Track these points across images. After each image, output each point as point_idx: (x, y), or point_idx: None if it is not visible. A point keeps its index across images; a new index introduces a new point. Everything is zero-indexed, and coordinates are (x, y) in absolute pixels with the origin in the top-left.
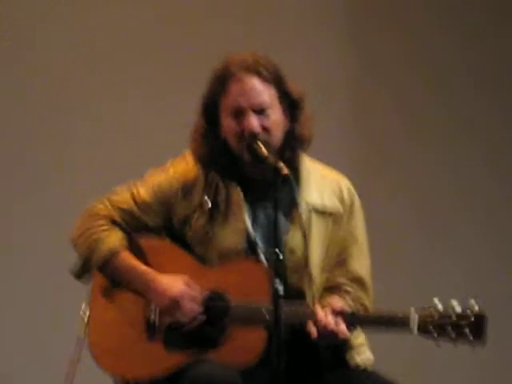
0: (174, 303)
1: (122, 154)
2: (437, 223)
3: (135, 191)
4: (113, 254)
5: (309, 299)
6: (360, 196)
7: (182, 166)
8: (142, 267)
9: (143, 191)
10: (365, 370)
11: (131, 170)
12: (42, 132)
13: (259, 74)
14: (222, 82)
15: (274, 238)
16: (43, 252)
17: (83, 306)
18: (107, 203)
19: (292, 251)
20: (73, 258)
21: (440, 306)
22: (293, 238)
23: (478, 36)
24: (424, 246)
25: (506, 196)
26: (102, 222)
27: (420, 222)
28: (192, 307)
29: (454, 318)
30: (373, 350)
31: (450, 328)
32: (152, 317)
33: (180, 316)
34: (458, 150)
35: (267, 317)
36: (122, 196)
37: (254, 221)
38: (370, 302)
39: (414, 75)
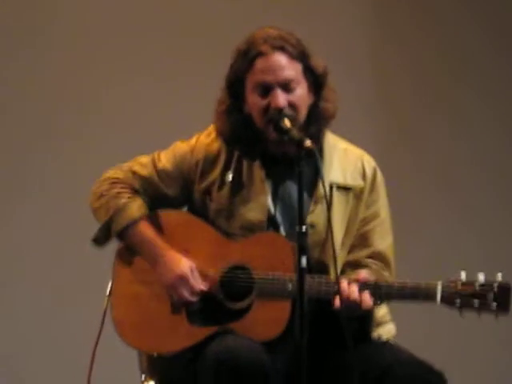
0: (172, 285)
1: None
2: (461, 198)
3: (156, 158)
4: (132, 223)
5: (332, 274)
6: (382, 170)
7: (206, 139)
8: (156, 241)
9: (165, 159)
10: (385, 343)
11: (154, 146)
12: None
13: (284, 50)
14: (247, 58)
15: (299, 213)
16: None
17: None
18: (127, 170)
19: (313, 226)
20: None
21: (464, 276)
22: (315, 214)
23: (500, 11)
24: (449, 222)
25: None
26: (122, 189)
27: (444, 197)
28: (186, 293)
29: (477, 287)
30: (396, 322)
31: (473, 297)
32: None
33: (184, 293)
34: (482, 125)
35: (291, 288)
36: (143, 163)
37: (276, 197)
38: (392, 277)
39: (438, 49)
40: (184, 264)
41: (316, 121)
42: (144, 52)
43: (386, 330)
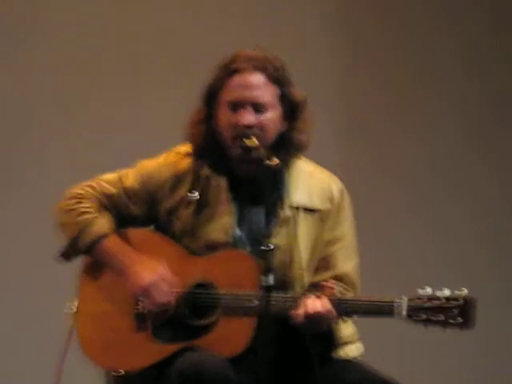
0: (145, 292)
1: (110, 151)
2: (430, 213)
3: (124, 177)
4: (100, 238)
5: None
6: (350, 188)
7: (174, 157)
8: (124, 254)
9: (132, 178)
10: (351, 361)
11: (121, 165)
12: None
13: (264, 71)
14: (226, 72)
15: (260, 235)
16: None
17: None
18: (93, 187)
19: (278, 249)
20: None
21: (429, 291)
22: (279, 237)
23: (469, 23)
24: (416, 237)
25: (498, 184)
26: (90, 205)
27: (412, 212)
28: (161, 298)
29: (443, 301)
30: (363, 341)
31: (438, 312)
32: (140, 307)
33: (149, 305)
34: (450, 138)
35: (256, 305)
36: (109, 181)
37: (241, 218)
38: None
39: (405, 65)
40: (159, 267)
41: (285, 149)
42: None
43: (354, 349)
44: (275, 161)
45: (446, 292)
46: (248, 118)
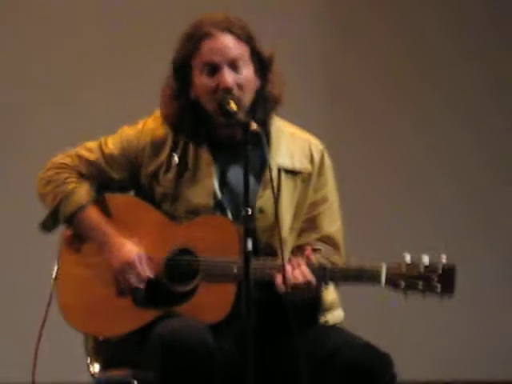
0: (128, 266)
1: (92, 117)
2: (413, 182)
3: (103, 143)
4: (80, 208)
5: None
6: (334, 159)
7: (152, 124)
8: (103, 226)
9: (111, 144)
10: (332, 326)
11: (102, 133)
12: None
13: (231, 32)
14: (194, 40)
15: (245, 196)
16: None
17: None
18: (74, 155)
19: (262, 211)
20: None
21: (409, 259)
22: (262, 199)
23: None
24: (397, 204)
25: (481, 153)
26: (70, 174)
27: (396, 180)
28: (142, 274)
29: (422, 269)
30: (344, 307)
31: (418, 279)
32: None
33: (131, 279)
34: (434, 114)
35: (236, 271)
36: (90, 148)
37: (223, 181)
38: (341, 260)
39: (391, 43)
40: (131, 250)
41: (262, 105)
42: (101, 39)
43: (336, 315)
44: (254, 127)
45: (425, 259)
46: (227, 79)
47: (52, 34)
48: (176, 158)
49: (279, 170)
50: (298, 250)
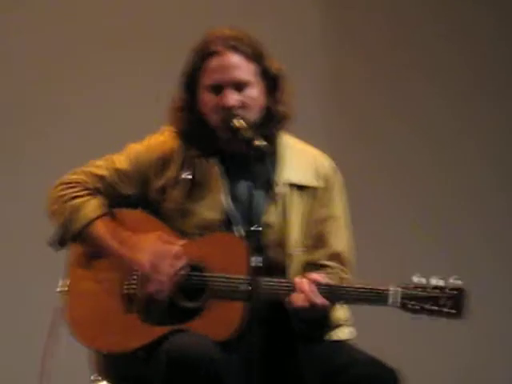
0: (158, 254)
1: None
2: (420, 198)
3: (112, 159)
4: (90, 223)
5: (289, 275)
6: (341, 171)
7: (160, 139)
8: (119, 233)
9: (120, 159)
10: (342, 343)
11: (107, 150)
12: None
13: (239, 50)
14: (201, 57)
15: (250, 213)
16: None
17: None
18: (83, 171)
19: (270, 227)
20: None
21: (418, 280)
22: (271, 215)
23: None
24: (407, 223)
25: (492, 173)
26: (78, 190)
27: (402, 196)
28: (172, 264)
29: (432, 291)
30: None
31: (427, 301)
32: (128, 288)
33: (170, 264)
34: (439, 122)
35: (243, 289)
36: (98, 165)
37: (233, 196)
38: (350, 278)
39: (393, 44)
40: (154, 236)
41: (270, 123)
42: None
43: (346, 332)
44: (257, 142)
45: (441, 282)
46: (231, 98)
47: (52, 34)
48: (187, 174)
49: (289, 185)
50: (309, 266)
